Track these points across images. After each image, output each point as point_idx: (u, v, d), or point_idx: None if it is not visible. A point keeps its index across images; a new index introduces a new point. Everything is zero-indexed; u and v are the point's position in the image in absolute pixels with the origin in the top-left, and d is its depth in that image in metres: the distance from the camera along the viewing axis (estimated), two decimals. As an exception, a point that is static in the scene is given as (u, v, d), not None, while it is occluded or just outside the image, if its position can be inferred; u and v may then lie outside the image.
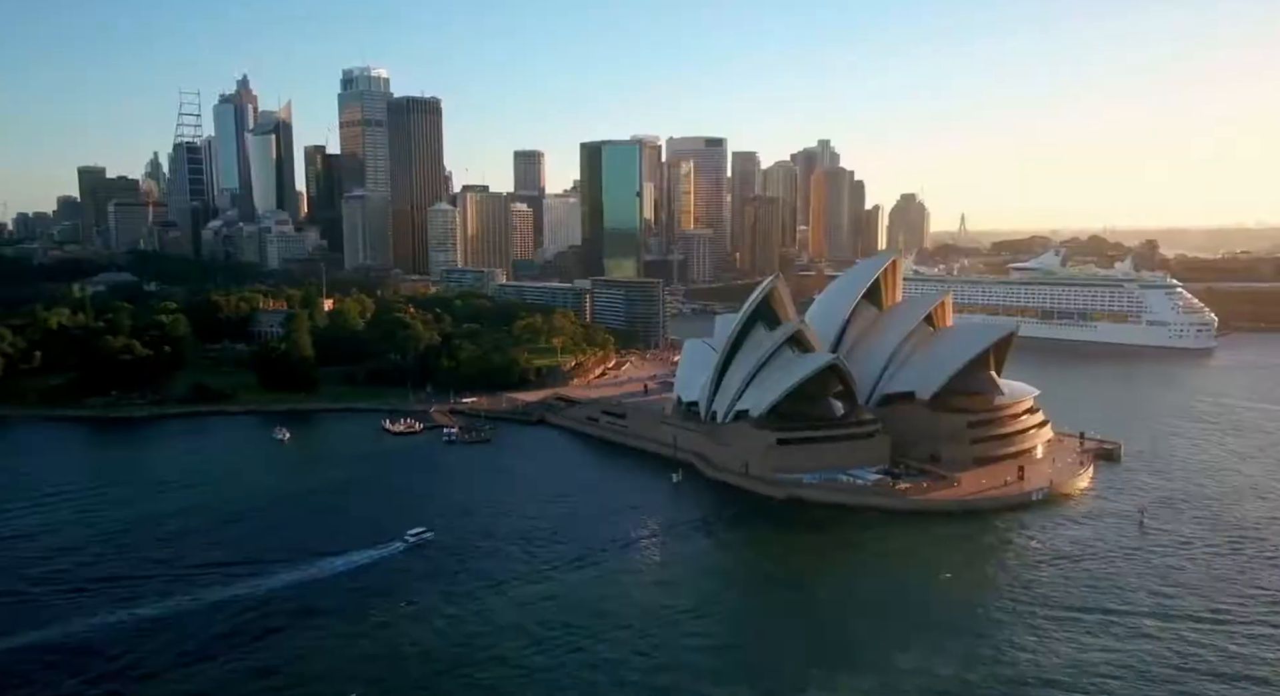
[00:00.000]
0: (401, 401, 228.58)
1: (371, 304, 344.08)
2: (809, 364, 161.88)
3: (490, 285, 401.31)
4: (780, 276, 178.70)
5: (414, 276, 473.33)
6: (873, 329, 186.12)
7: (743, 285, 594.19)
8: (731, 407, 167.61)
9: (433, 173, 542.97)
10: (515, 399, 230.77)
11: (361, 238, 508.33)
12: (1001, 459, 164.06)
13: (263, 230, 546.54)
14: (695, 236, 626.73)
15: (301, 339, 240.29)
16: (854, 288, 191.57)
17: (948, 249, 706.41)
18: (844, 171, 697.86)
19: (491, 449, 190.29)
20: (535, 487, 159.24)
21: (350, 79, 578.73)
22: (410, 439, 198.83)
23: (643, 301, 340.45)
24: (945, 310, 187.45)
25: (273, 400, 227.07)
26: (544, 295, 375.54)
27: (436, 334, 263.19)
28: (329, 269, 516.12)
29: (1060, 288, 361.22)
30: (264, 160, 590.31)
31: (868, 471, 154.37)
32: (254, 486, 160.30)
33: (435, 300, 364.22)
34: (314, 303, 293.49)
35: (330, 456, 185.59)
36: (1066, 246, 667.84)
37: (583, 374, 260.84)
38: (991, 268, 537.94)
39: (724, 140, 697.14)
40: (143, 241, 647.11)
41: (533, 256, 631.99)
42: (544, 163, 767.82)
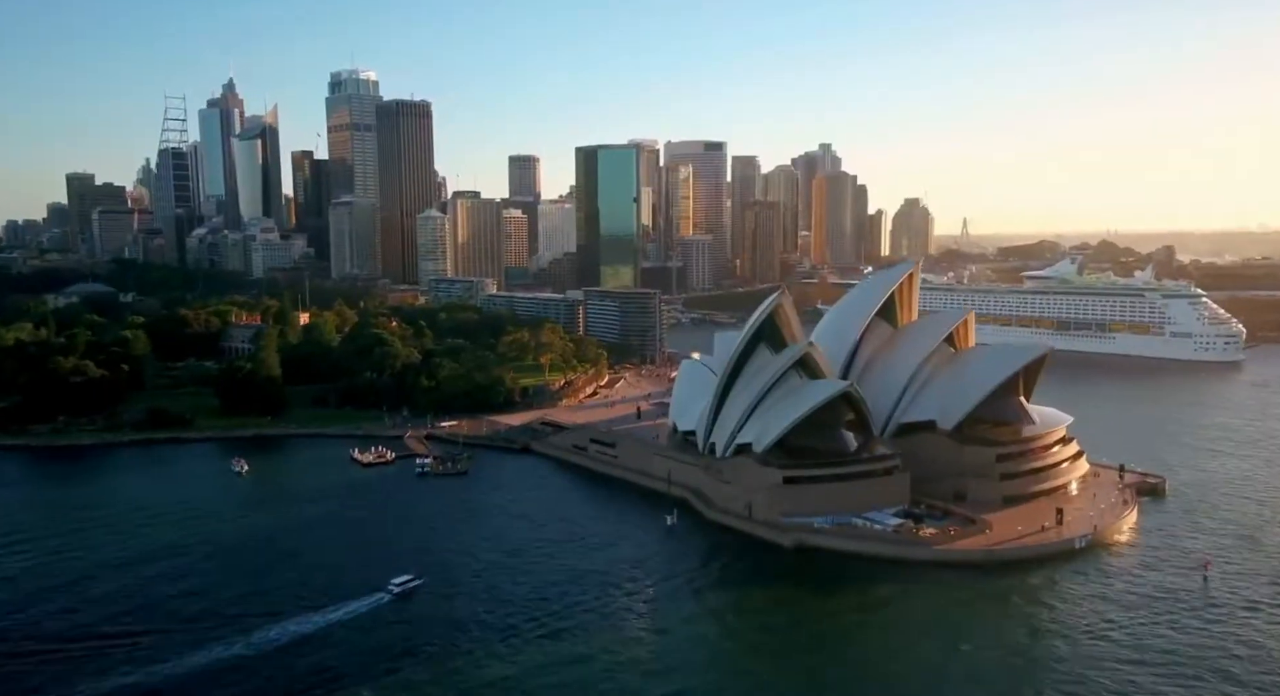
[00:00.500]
0: (376, 425, 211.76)
1: (355, 316, 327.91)
2: (818, 392, 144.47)
3: (479, 295, 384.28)
4: (786, 292, 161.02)
5: (402, 286, 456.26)
6: (887, 349, 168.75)
7: (743, 293, 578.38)
8: (732, 440, 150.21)
9: (423, 178, 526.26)
10: (498, 422, 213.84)
11: (349, 246, 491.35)
12: (1034, 497, 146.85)
13: (247, 238, 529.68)
14: (694, 242, 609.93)
15: (268, 358, 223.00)
16: (867, 303, 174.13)
17: (953, 255, 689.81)
18: (846, 176, 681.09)
19: (467, 482, 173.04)
20: (509, 531, 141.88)
21: (338, 82, 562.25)
22: (381, 470, 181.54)
23: (638, 313, 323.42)
24: (968, 329, 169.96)
25: (236, 425, 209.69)
26: (534, 306, 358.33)
27: (416, 351, 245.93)
28: (316, 278, 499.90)
29: (1077, 297, 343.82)
30: (250, 166, 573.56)
31: (886, 514, 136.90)
32: (203, 530, 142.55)
33: (421, 312, 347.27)
34: (288, 317, 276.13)
35: (290, 492, 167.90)
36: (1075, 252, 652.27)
37: (572, 393, 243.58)
38: (1000, 274, 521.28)
39: (724, 144, 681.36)
40: (127, 250, 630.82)
41: (527, 264, 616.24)
42: (539, 168, 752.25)
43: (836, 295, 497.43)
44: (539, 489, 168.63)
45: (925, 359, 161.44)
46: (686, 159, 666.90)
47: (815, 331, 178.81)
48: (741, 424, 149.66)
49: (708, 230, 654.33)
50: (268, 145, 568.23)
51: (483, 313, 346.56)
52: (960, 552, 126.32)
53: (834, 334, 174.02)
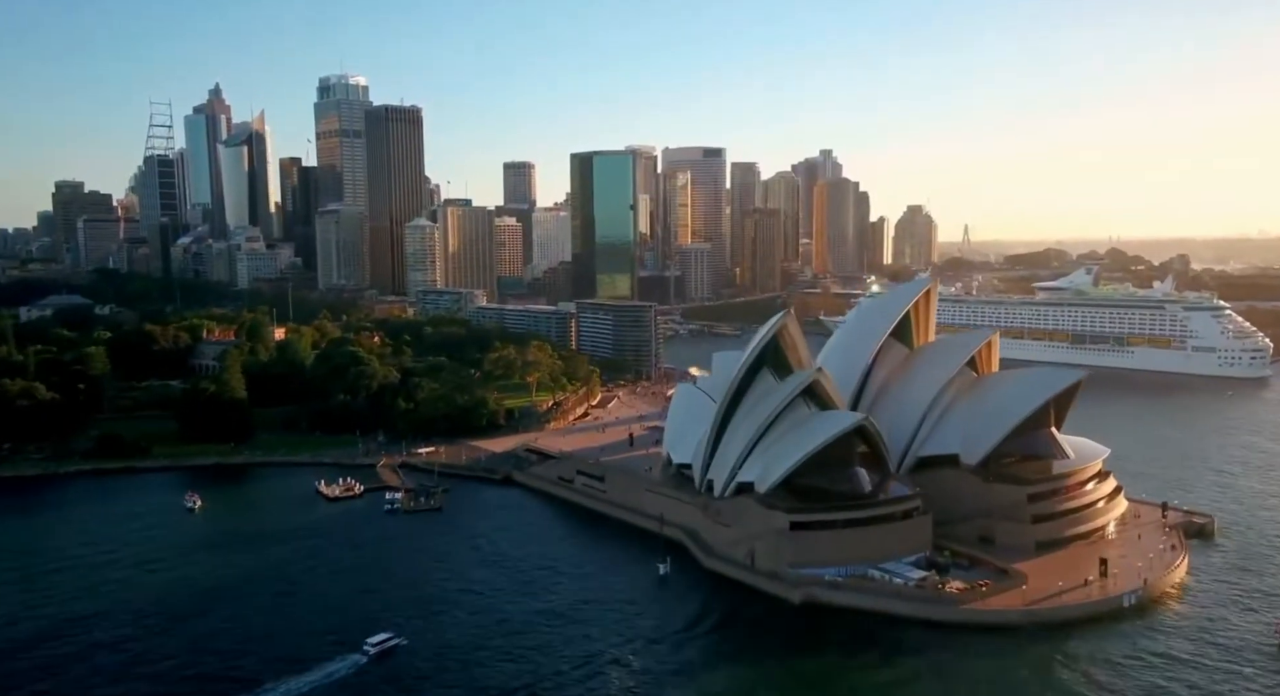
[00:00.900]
0: (348, 452, 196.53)
1: (337, 331, 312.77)
2: (829, 425, 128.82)
3: (469, 308, 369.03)
4: (791, 313, 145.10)
5: (390, 298, 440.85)
6: (903, 374, 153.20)
7: (743, 303, 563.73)
8: (732, 478, 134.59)
9: (413, 186, 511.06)
10: (480, 448, 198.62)
11: (336, 255, 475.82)
12: (1070, 541, 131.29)
13: (232, 247, 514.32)
14: (693, 251, 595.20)
15: (233, 379, 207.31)
16: (880, 323, 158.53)
17: (958, 263, 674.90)
18: (848, 182, 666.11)
19: (442, 520, 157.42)
20: (480, 580, 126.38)
21: (327, 87, 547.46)
22: (348, 505, 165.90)
23: (632, 326, 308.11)
24: (991, 352, 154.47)
25: (196, 453, 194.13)
26: (525, 320, 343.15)
27: (395, 370, 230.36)
28: (301, 288, 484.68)
29: (1093, 309, 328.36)
30: (236, 173, 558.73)
31: (907, 566, 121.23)
32: (140, 581, 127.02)
33: (406, 326, 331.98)
34: (260, 332, 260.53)
35: (245, 533, 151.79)
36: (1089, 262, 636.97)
37: (561, 415, 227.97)
38: (1008, 284, 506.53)
39: (723, 150, 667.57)
40: (111, 259, 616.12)
41: (522, 273, 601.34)
42: (534, 174, 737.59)
43: (840, 306, 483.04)
44: (520, 528, 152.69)
45: (945, 385, 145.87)
46: (685, 165, 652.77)
47: (823, 353, 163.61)
48: (742, 460, 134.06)
49: (706, 238, 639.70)
50: (254, 152, 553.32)
51: (471, 326, 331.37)
52: (994, 613, 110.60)
53: (844, 356, 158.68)
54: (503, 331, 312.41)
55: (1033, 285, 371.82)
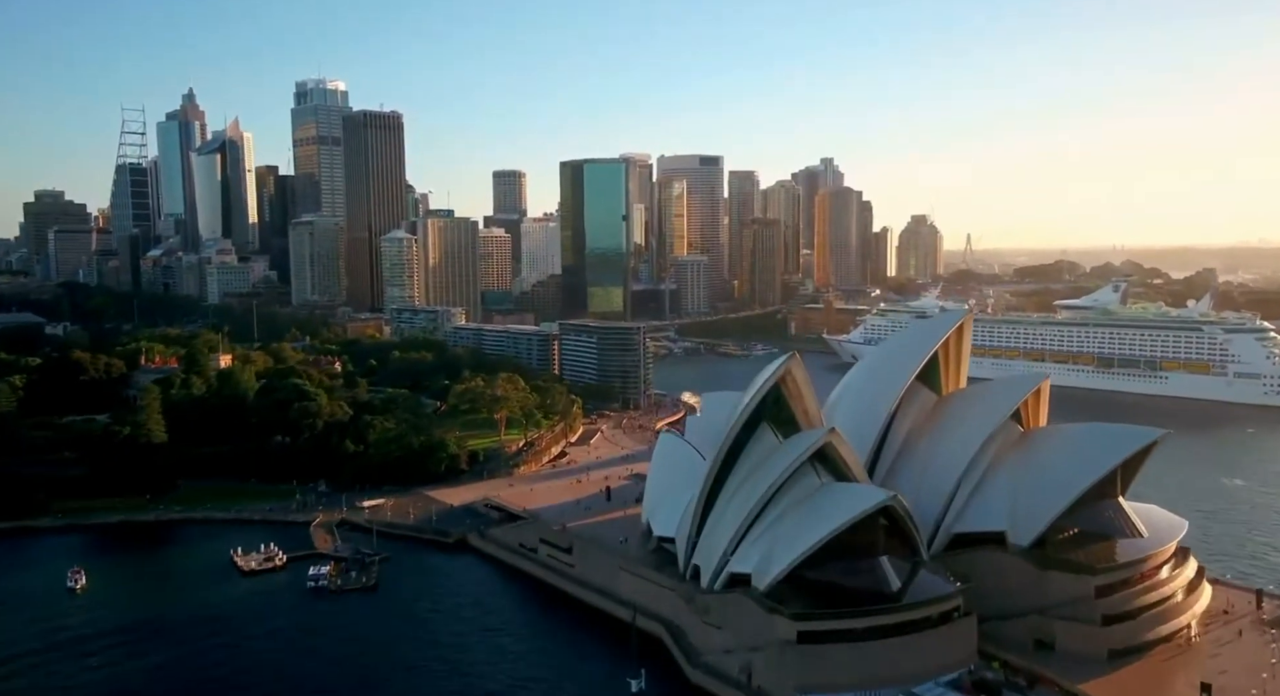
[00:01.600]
0: (284, 505, 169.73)
1: (299, 353, 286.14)
2: (847, 504, 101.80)
3: (445, 327, 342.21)
4: (796, 357, 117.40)
5: (363, 315, 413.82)
6: (932, 426, 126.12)
7: (742, 318, 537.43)
8: (724, 566, 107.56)
9: (394, 196, 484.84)
10: (436, 500, 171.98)
11: (310, 269, 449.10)
12: (1151, 646, 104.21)
13: (202, 260, 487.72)
14: (689, 263, 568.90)
15: (151, 419, 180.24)
16: (904, 362, 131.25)
17: (966, 275, 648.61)
18: (850, 191, 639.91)
19: (374, 602, 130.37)
20: None
21: (304, 92, 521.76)
22: (267, 580, 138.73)
23: (619, 350, 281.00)
24: (1040, 402, 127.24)
25: (103, 508, 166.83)
26: (504, 342, 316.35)
27: (346, 405, 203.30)
28: (274, 304, 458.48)
29: (1122, 330, 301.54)
30: (209, 182, 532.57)
31: (945, 686, 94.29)
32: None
33: (373, 349, 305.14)
34: (200, 360, 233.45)
35: (127, 626, 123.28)
36: (1095, 273, 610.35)
37: (534, 457, 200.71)
38: (1021, 299, 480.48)
39: (720, 158, 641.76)
40: (81, 272, 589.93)
41: (511, 286, 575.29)
42: (525, 184, 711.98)
43: (844, 323, 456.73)
44: (467, 616, 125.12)
45: (985, 444, 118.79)
46: (681, 174, 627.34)
47: (834, 398, 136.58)
48: (735, 543, 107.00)
49: (703, 249, 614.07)
50: (227, 160, 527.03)
51: (444, 350, 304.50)
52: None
53: (859, 404, 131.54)
54: (477, 356, 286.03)
55: (1055, 303, 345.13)
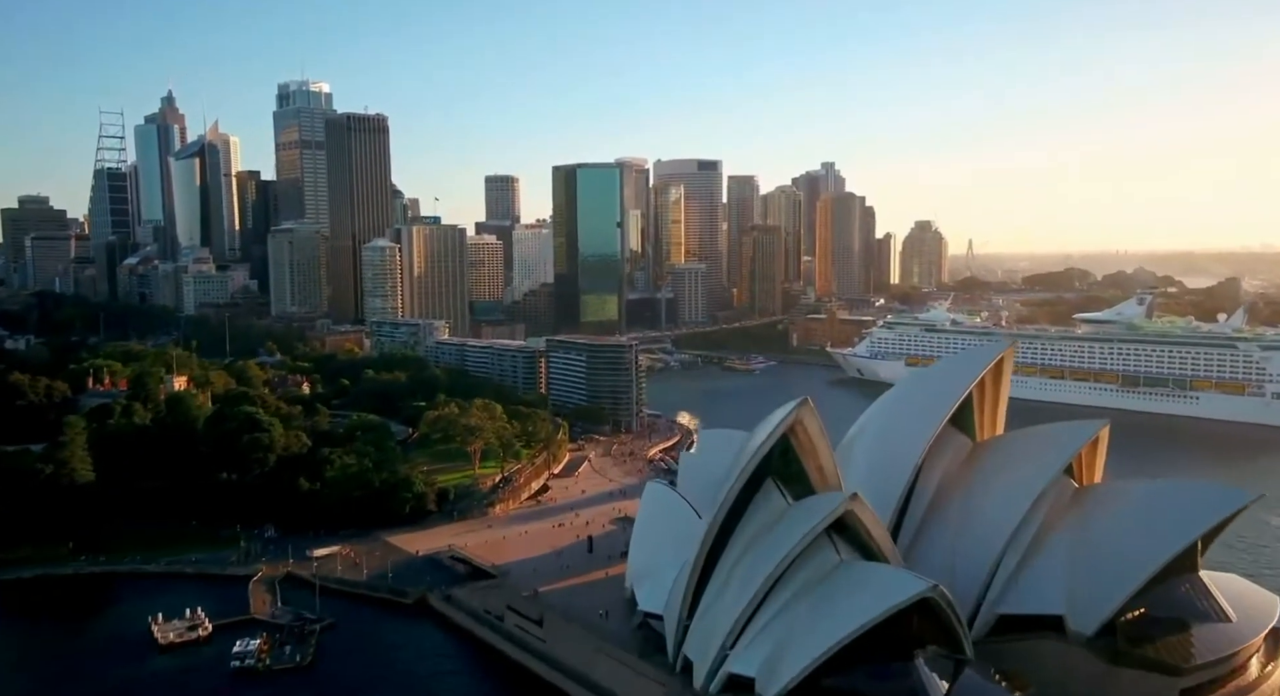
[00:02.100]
0: (226, 554, 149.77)
1: (265, 372, 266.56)
2: (874, 596, 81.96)
3: (427, 341, 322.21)
4: (808, 404, 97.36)
5: (343, 328, 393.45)
6: (967, 480, 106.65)
7: (741, 328, 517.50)
8: (721, 663, 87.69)
9: (379, 202, 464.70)
10: (398, 547, 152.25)
11: (289, 279, 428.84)
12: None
13: (179, 269, 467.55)
14: (686, 271, 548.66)
15: (74, 456, 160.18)
16: (935, 403, 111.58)
17: (972, 283, 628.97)
18: (853, 197, 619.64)
19: (308, 685, 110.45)
20: None
21: (286, 94, 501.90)
22: (186, 656, 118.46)
23: (609, 369, 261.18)
24: (1098, 453, 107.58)
25: (19, 560, 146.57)
26: (487, 359, 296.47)
27: (303, 436, 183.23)
28: (252, 316, 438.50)
29: (1149, 347, 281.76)
30: (188, 188, 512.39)
31: None
32: None
33: (346, 367, 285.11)
34: (149, 383, 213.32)
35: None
36: (1108, 281, 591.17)
37: (511, 494, 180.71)
38: (1032, 308, 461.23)
39: (718, 162, 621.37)
40: (58, 281, 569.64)
41: (501, 295, 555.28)
42: (518, 189, 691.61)
43: (847, 334, 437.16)
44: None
45: (1035, 503, 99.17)
46: (678, 179, 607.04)
47: (850, 439, 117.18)
48: (735, 634, 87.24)
49: (702, 257, 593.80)
50: (206, 165, 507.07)
51: (423, 367, 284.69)
52: None
53: (881, 447, 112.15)
54: (456, 376, 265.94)
55: (1074, 317, 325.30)
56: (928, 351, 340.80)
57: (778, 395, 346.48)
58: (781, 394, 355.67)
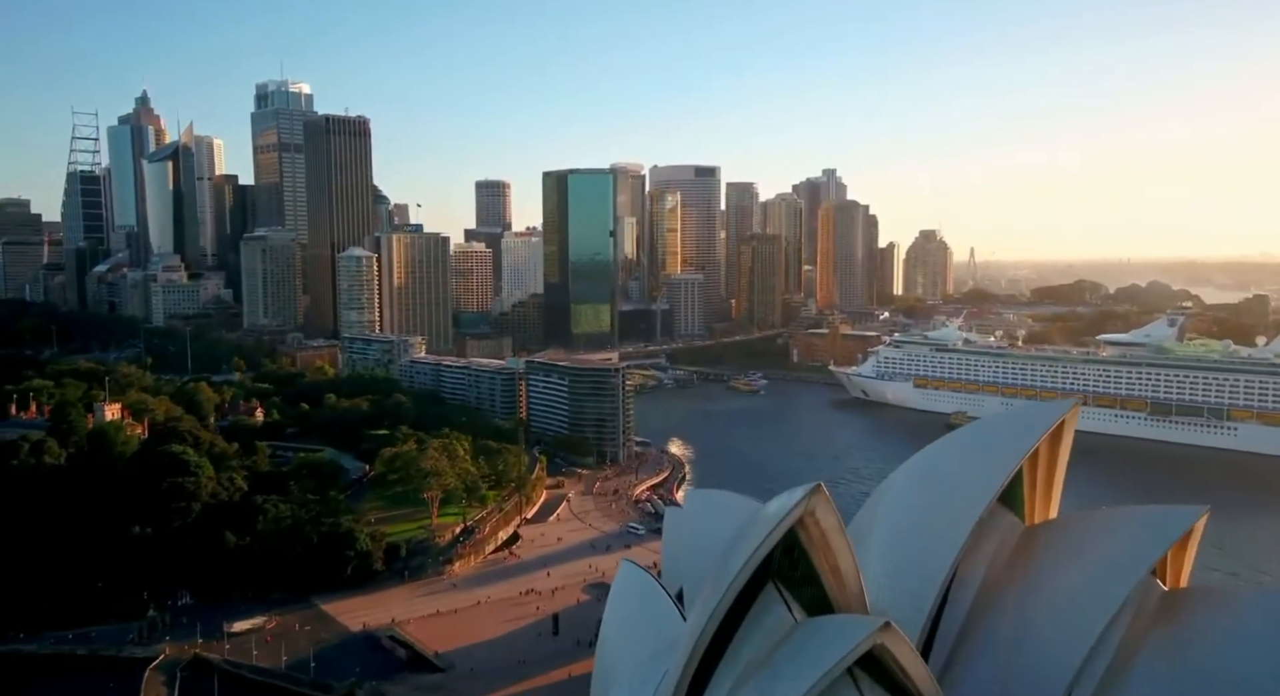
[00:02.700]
0: (123, 628, 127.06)
1: (216, 396, 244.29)
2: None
3: (401, 359, 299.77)
4: (823, 493, 73.91)
5: (316, 343, 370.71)
6: (1021, 575, 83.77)
7: (740, 342, 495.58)
8: None
9: (360, 208, 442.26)
10: (335, 619, 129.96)
11: (262, 290, 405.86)
12: None
13: (148, 277, 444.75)
14: (683, 281, 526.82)
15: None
16: (980, 474, 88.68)
17: (980, 295, 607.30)
18: (856, 205, 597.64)
19: None
20: None
21: (264, 95, 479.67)
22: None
23: (594, 394, 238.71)
24: (1188, 547, 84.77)
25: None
26: (463, 380, 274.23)
27: (239, 478, 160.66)
28: (225, 328, 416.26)
29: (1181, 372, 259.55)
30: (161, 192, 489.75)
31: None
32: None
33: (310, 389, 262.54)
34: (72, 415, 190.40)
35: None
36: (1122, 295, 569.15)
37: (474, 547, 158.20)
38: (1045, 324, 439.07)
39: (717, 169, 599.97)
40: (28, 288, 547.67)
41: (490, 306, 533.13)
42: (509, 195, 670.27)
43: (851, 351, 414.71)
44: None
45: (1117, 614, 76.37)
46: (674, 186, 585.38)
47: (870, 511, 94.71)
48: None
49: (699, 266, 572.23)
50: (180, 168, 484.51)
51: (396, 388, 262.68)
52: None
53: (911, 527, 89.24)
54: (426, 401, 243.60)
55: (1098, 338, 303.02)
56: (937, 372, 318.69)
57: (779, 420, 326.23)
58: (783, 418, 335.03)
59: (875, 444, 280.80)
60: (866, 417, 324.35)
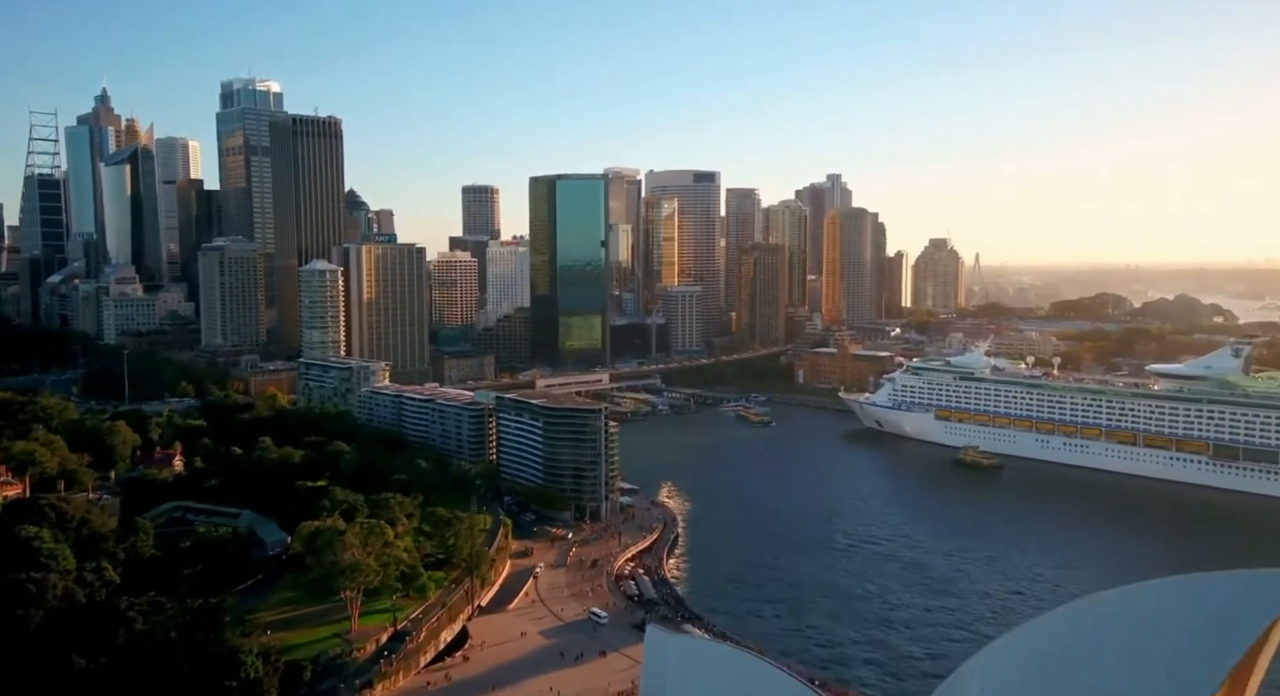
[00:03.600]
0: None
1: (136, 438, 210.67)
2: None
3: (361, 389, 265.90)
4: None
5: (273, 366, 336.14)
6: None
7: (740, 361, 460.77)
8: None
9: (330, 216, 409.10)
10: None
11: (221, 305, 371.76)
12: None
13: (100, 290, 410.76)
14: (679, 294, 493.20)
15: None
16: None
17: (995, 309, 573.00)
18: (865, 213, 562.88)
19: None
20: None
21: (229, 94, 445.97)
22: None
23: (572, 439, 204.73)
24: None
25: None
26: (427, 415, 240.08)
27: (110, 569, 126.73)
28: (185, 346, 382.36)
29: (1251, 411, 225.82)
30: (119, 198, 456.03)
31: None
32: None
33: (250, 427, 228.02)
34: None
35: None
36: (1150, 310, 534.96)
37: (403, 662, 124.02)
38: (1072, 343, 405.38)
39: (716, 173, 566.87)
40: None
41: (475, 319, 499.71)
42: (498, 201, 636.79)
43: (862, 374, 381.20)
44: None
45: None
46: (672, 192, 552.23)
47: None
48: None
49: (698, 277, 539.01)
50: (138, 172, 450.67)
51: (347, 421, 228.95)
52: None
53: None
54: (376, 447, 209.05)
55: (1147, 369, 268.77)
56: (963, 403, 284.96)
57: (786, 455, 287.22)
58: (790, 453, 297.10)
59: (902, 491, 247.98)
60: (884, 452, 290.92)
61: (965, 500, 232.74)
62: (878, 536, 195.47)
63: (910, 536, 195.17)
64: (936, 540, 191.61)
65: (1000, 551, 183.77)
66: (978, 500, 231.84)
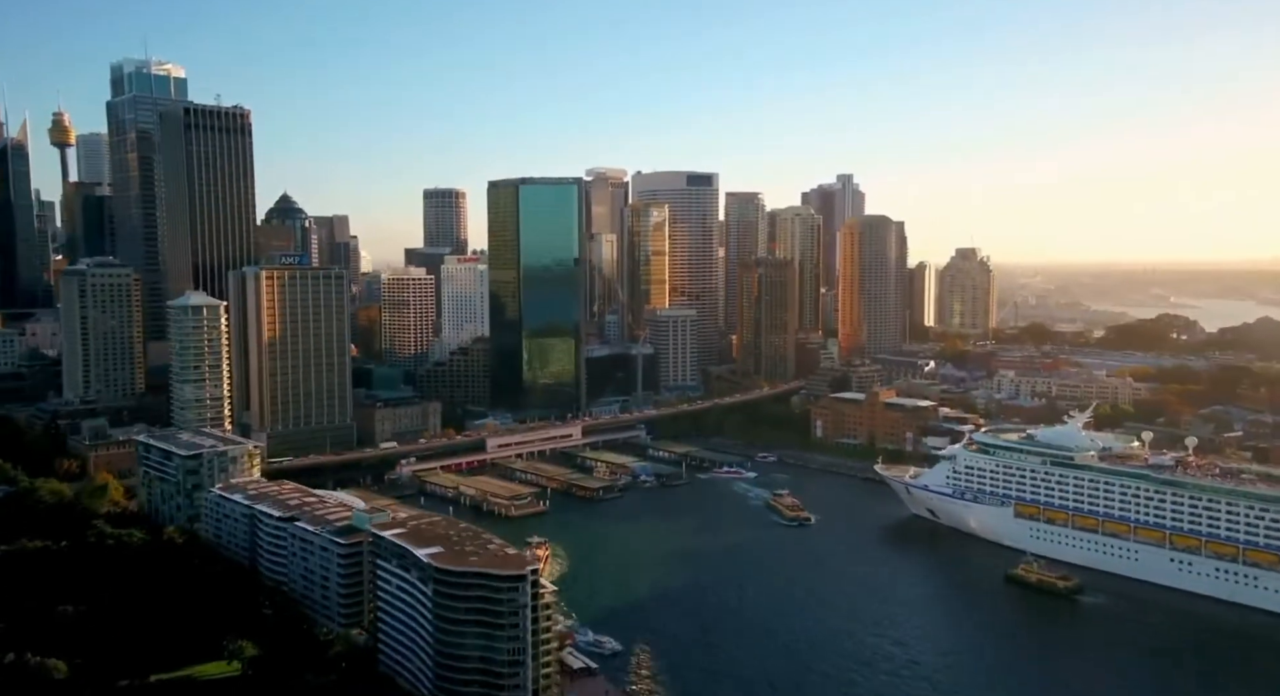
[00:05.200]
0: None
1: None
2: None
3: (210, 489, 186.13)
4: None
5: (121, 434, 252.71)
6: None
7: (741, 403, 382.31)
8: None
9: (235, 229, 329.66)
10: None
11: (81, 347, 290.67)
12: None
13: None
14: (671, 319, 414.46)
15: None
16: None
17: (1040, 332, 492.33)
18: (888, 221, 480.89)
19: None
20: None
21: (119, 78, 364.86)
22: None
23: (481, 622, 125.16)
24: None
25: None
26: (285, 549, 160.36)
27: None
28: (41, 395, 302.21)
29: None
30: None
31: None
32: None
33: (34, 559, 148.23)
34: None
35: None
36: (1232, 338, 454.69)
37: None
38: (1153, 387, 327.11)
39: (714, 176, 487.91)
40: None
41: (429, 349, 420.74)
42: (465, 206, 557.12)
43: (896, 425, 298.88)
44: None
45: None
46: (662, 197, 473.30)
47: None
48: None
49: (692, 296, 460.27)
50: (11, 174, 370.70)
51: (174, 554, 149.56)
52: None
53: None
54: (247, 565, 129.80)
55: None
56: (1056, 499, 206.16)
57: (844, 579, 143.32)
58: (829, 568, 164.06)
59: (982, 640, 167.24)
60: (957, 561, 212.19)
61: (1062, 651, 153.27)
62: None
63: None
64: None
65: None
66: (1073, 651, 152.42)
